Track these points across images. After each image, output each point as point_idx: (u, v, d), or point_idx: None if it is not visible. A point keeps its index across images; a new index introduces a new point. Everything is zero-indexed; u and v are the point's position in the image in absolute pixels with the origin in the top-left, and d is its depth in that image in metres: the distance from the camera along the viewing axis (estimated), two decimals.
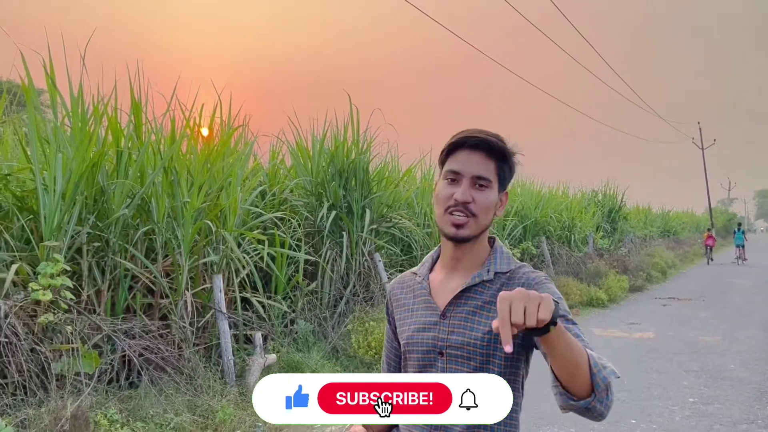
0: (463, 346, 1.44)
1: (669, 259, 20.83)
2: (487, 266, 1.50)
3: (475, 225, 1.46)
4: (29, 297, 4.26)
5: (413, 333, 1.52)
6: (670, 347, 8.34)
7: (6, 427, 3.46)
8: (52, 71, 5.37)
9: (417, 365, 1.51)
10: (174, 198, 5.76)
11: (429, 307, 1.52)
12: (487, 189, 1.46)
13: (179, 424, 4.42)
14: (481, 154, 1.46)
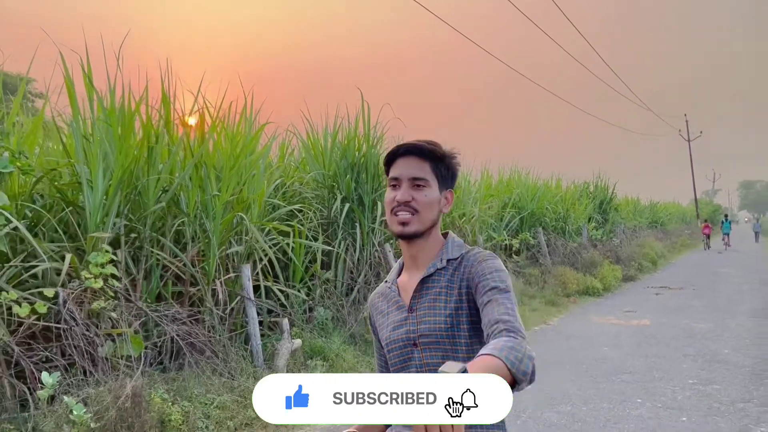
0: (431, 333, 1.56)
1: (658, 249, 21.37)
2: (440, 256, 1.63)
3: (418, 221, 1.59)
4: (83, 285, 4.54)
5: (390, 333, 1.64)
6: (667, 333, 8.76)
7: (76, 404, 3.75)
8: (89, 70, 5.62)
9: (397, 362, 1.63)
10: (204, 191, 6.04)
11: (399, 307, 1.66)
12: (425, 188, 1.60)
13: (221, 403, 4.73)
14: (414, 158, 1.61)
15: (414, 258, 1.66)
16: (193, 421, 4.38)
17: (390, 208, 1.61)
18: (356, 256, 8.08)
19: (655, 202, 36.70)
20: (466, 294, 1.56)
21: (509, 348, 1.32)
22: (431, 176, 1.61)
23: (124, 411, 4.03)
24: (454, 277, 1.59)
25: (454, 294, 1.57)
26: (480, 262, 1.57)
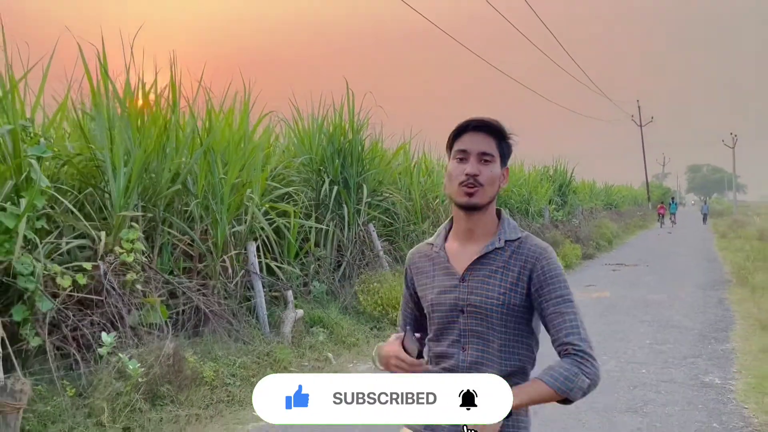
0: (481, 305, 1.67)
1: (614, 229, 22.56)
2: (498, 235, 1.72)
3: (483, 193, 1.67)
4: (118, 259, 5.01)
5: (436, 295, 1.73)
6: (624, 304, 9.65)
7: (130, 360, 4.27)
8: (105, 61, 6.02)
9: (440, 322, 1.73)
10: (213, 175, 6.52)
11: (448, 273, 1.73)
12: (491, 163, 1.68)
13: (243, 363, 5.30)
14: (483, 134, 1.69)
15: (470, 230, 1.73)
16: (222, 378, 4.94)
17: (458, 181, 1.68)
18: (345, 235, 8.66)
19: (610, 185, 38.27)
20: (527, 281, 1.66)
21: (564, 378, 1.54)
22: (496, 152, 1.70)
23: (166, 368, 4.56)
24: (512, 259, 1.68)
25: (510, 275, 1.67)
26: (546, 260, 1.67)
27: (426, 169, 11.80)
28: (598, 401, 4.99)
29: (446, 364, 1.71)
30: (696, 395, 5.18)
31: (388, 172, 10.20)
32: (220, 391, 4.80)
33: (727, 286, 11.51)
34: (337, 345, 6.51)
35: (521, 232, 1.74)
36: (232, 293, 6.54)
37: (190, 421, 4.39)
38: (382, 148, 10.63)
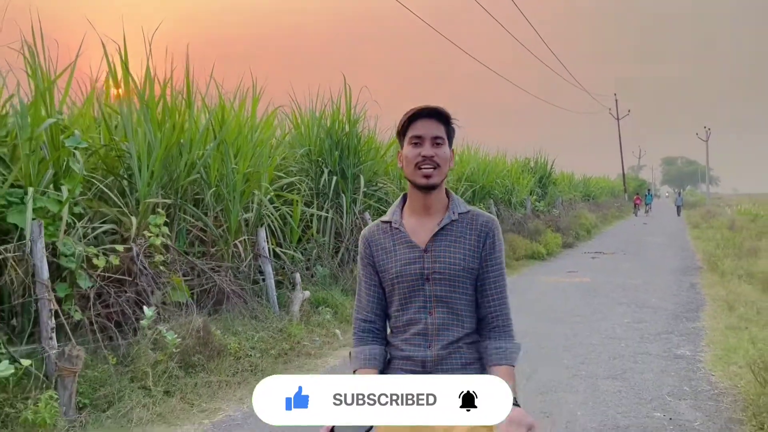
0: (446, 271, 1.86)
1: (592, 220, 23.32)
2: (452, 209, 1.91)
3: (439, 174, 1.85)
4: (147, 242, 5.45)
5: (401, 267, 1.88)
6: (604, 288, 10.29)
7: (168, 332, 4.73)
8: (126, 57, 6.41)
9: (405, 292, 1.89)
10: (225, 165, 6.95)
11: (410, 246, 1.89)
12: (443, 145, 1.87)
13: (261, 338, 5.78)
14: (433, 120, 1.87)
15: (427, 206, 1.90)
16: (244, 350, 5.42)
17: (414, 163, 1.85)
18: (344, 222, 9.15)
19: (588, 177, 39.17)
20: (482, 246, 1.90)
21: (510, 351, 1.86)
22: (445, 136, 1.89)
23: (196, 340, 5.03)
24: (468, 228, 1.90)
25: (468, 243, 1.89)
26: (497, 230, 1.94)
27: None
28: (582, 370, 5.57)
29: (415, 329, 1.87)
30: (669, 365, 5.79)
31: (382, 163, 10.69)
32: (243, 362, 5.29)
33: (699, 272, 12.24)
34: (342, 323, 7.01)
35: (468, 206, 1.96)
36: (243, 275, 7.00)
37: (221, 386, 4.87)
38: (376, 140, 11.13)
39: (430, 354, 1.84)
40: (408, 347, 1.87)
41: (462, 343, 1.87)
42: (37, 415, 3.71)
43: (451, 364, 1.84)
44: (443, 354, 1.84)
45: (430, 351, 1.84)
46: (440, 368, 1.84)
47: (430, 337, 1.85)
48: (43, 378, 4.14)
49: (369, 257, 1.96)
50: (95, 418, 4.13)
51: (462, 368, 1.85)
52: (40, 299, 4.35)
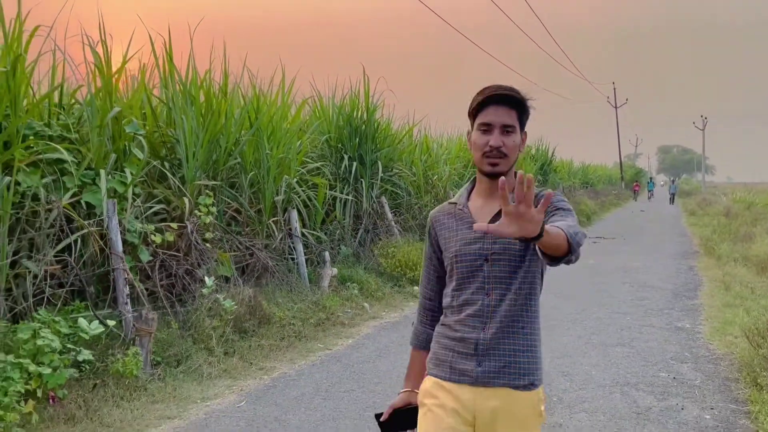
0: (505, 251, 1.83)
1: (591, 206, 23.91)
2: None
3: (506, 163, 1.82)
4: (199, 220, 5.97)
5: (461, 247, 1.87)
6: (607, 269, 10.88)
7: (226, 300, 5.27)
8: (170, 50, 6.88)
9: (464, 272, 1.87)
10: (259, 151, 7.46)
11: (471, 227, 1.85)
12: (513, 134, 1.81)
13: (300, 308, 6.33)
14: (505, 107, 1.80)
15: (493, 190, 1.87)
16: (287, 318, 5.97)
17: (482, 151, 1.82)
18: (363, 206, 9.68)
19: (586, 164, 39.74)
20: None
21: (570, 226, 1.69)
22: (517, 123, 1.83)
23: (246, 308, 5.58)
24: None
25: None
26: (553, 200, 1.84)
27: (427, 148, 12.82)
28: (593, 339, 6.14)
29: (470, 310, 1.84)
30: (671, 335, 6.36)
31: (397, 150, 11.20)
32: (288, 329, 5.84)
33: (696, 256, 12.84)
34: (368, 298, 7.57)
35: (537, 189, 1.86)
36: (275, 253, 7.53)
37: (272, 348, 5.43)
38: (391, 128, 11.64)
39: (484, 336, 1.82)
40: (462, 328, 1.85)
41: (518, 327, 1.83)
42: (125, 368, 4.24)
43: (504, 348, 1.81)
44: (498, 337, 1.81)
45: (485, 333, 1.82)
46: (493, 352, 1.81)
47: (485, 318, 1.83)
48: (122, 338, 4.68)
49: (432, 236, 1.99)
50: (169, 372, 4.68)
51: (515, 354, 1.81)
52: (116, 269, 4.87)
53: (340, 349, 5.72)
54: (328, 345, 5.81)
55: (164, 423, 3.92)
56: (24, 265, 4.49)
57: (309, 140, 9.68)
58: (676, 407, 4.30)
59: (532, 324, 1.86)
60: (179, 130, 6.42)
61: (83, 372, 4.19)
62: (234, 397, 4.41)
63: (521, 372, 1.80)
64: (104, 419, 3.85)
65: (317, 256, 8.28)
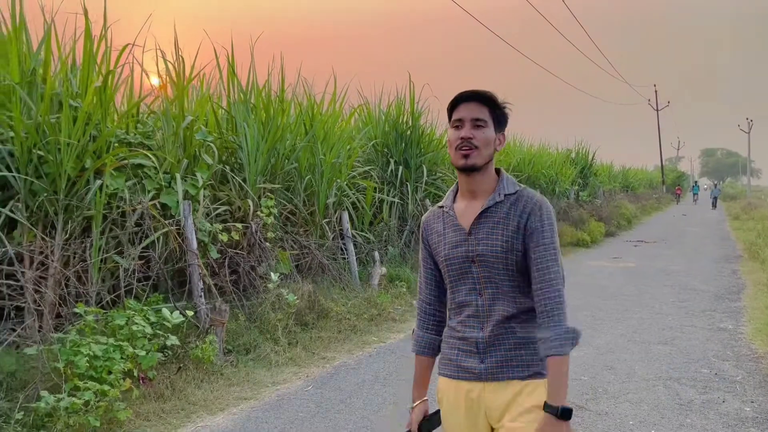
0: (488, 253, 1.83)
1: (632, 210, 23.80)
2: (498, 191, 1.87)
3: (478, 155, 1.82)
4: (261, 220, 6.41)
5: (449, 250, 1.90)
6: (648, 272, 11.00)
7: (289, 294, 5.69)
8: (233, 62, 7.36)
9: (455, 274, 1.90)
10: (314, 156, 7.88)
11: (457, 229, 1.90)
12: (484, 128, 1.83)
13: (354, 304, 6.71)
14: (475, 103, 1.85)
15: (472, 190, 1.89)
16: (343, 313, 6.36)
17: (454, 145, 1.84)
18: (408, 208, 10.04)
19: (627, 168, 39.33)
20: (524, 227, 1.82)
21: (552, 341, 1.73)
22: (489, 118, 1.85)
23: (307, 303, 5.98)
24: (511, 210, 1.84)
25: (511, 225, 1.83)
26: (539, 212, 1.83)
27: None
28: (636, 337, 6.37)
29: (468, 311, 1.88)
30: (713, 335, 6.54)
31: (441, 154, 11.53)
32: (344, 323, 6.23)
33: (739, 260, 12.82)
34: (416, 296, 7.89)
35: (519, 186, 1.90)
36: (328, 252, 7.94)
37: (331, 340, 5.83)
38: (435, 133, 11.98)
39: (482, 335, 1.85)
40: (463, 328, 1.89)
41: (514, 323, 1.84)
42: (204, 353, 4.68)
43: (503, 343, 1.84)
44: (495, 334, 1.84)
45: (483, 332, 1.85)
46: (493, 349, 1.84)
47: (482, 317, 1.86)
48: (198, 327, 5.13)
49: (425, 241, 2.02)
50: (240, 359, 5.11)
51: (515, 348, 1.84)
52: (191, 265, 5.33)
53: (393, 342, 6.08)
54: (382, 338, 6.18)
55: (242, 403, 4.34)
56: (114, 260, 4.97)
57: (358, 145, 10.12)
58: (717, 400, 4.53)
59: (528, 319, 1.85)
60: (241, 137, 6.88)
61: (167, 357, 4.64)
62: (301, 383, 4.81)
63: (523, 364, 1.82)
64: (189, 398, 4.28)
65: (366, 255, 8.66)
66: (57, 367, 3.73)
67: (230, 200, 6.76)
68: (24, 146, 4.71)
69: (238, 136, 6.95)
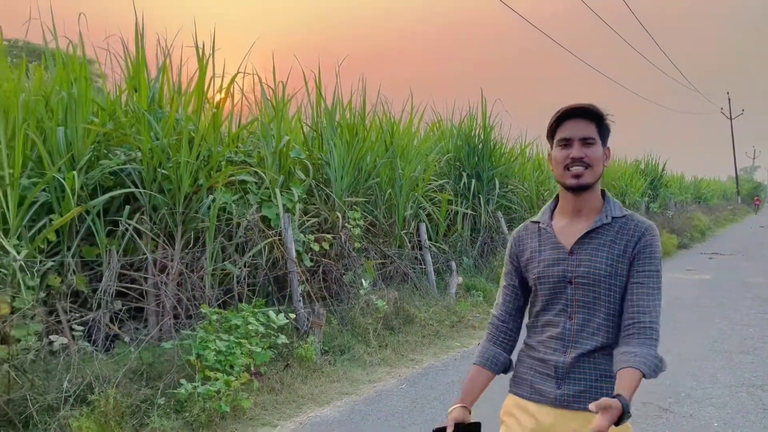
0: (589, 275, 1.75)
1: (705, 222, 23.18)
2: (605, 212, 1.80)
3: (590, 174, 1.76)
4: (350, 232, 6.87)
5: (544, 268, 1.82)
6: (726, 284, 10.86)
7: (378, 300, 6.10)
8: (319, 84, 7.90)
9: (548, 293, 1.82)
10: (393, 171, 8.31)
11: (556, 247, 1.82)
12: (594, 145, 1.77)
13: (435, 311, 7.06)
14: (583, 120, 1.78)
15: (578, 209, 1.83)
16: (426, 319, 6.73)
17: (564, 165, 1.78)
18: (482, 220, 10.33)
19: (699, 178, 38.16)
20: (632, 254, 1.76)
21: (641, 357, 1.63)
22: (597, 135, 1.79)
23: (393, 308, 6.38)
24: (619, 234, 1.78)
25: (617, 248, 1.76)
26: (651, 235, 1.78)
27: (539, 165, 13.29)
28: (716, 347, 6.44)
29: (552, 332, 1.81)
30: None
31: (512, 168, 11.79)
32: (428, 328, 6.59)
33: None
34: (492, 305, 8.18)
35: (626, 210, 1.85)
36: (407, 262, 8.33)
37: (417, 344, 6.20)
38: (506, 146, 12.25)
39: (564, 360, 1.78)
40: (543, 349, 1.83)
41: (600, 354, 1.76)
42: (306, 353, 5.13)
43: (584, 373, 1.76)
44: (578, 362, 1.77)
45: (566, 357, 1.78)
46: (572, 376, 1.77)
47: (567, 342, 1.79)
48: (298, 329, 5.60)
49: (513, 256, 1.96)
50: (336, 359, 5.55)
51: (595, 381, 1.76)
52: (291, 272, 5.82)
53: (475, 347, 6.38)
54: (464, 344, 6.51)
55: (344, 397, 4.76)
56: (227, 267, 5.51)
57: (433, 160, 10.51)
58: None
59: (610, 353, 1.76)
60: (329, 155, 7.38)
61: (275, 354, 5.12)
62: (394, 381, 5.19)
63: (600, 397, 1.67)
64: (297, 392, 4.73)
65: (442, 265, 9.00)
66: (189, 359, 4.24)
67: (318, 213, 7.26)
68: (150, 166, 5.32)
69: (325, 153, 7.46)
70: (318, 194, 7.46)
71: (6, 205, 4.38)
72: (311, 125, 7.87)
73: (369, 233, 8.38)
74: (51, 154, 5.03)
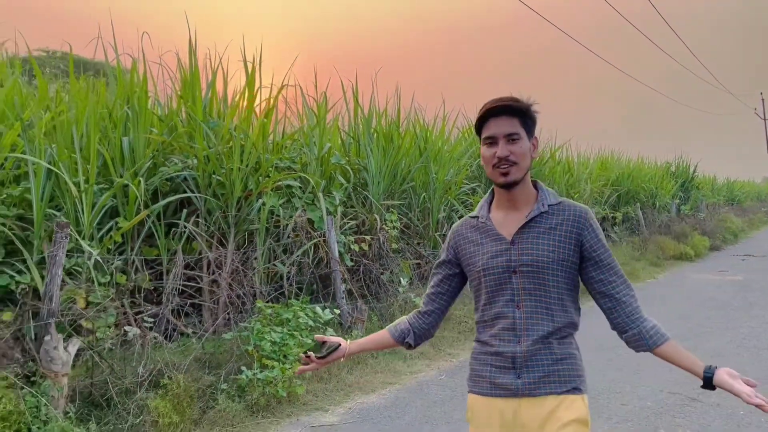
0: (533, 263, 1.82)
1: (738, 224, 22.99)
2: (541, 200, 1.87)
3: (517, 170, 1.81)
4: (387, 233, 7.22)
5: (487, 260, 1.87)
6: (758, 285, 10.92)
7: (416, 297, 6.42)
8: (356, 92, 8.27)
9: (493, 285, 1.86)
10: (427, 175, 8.64)
11: (497, 239, 1.87)
12: (518, 141, 1.81)
13: (469, 309, 7.35)
14: (505, 117, 1.82)
15: (512, 201, 1.88)
16: (460, 317, 7.04)
17: (491, 164, 1.83)
18: None
19: (731, 180, 37.68)
20: (575, 237, 1.84)
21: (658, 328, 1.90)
22: (521, 130, 1.82)
23: None
24: (559, 220, 1.85)
25: (557, 235, 1.83)
26: (592, 221, 1.87)
27: (569, 168, 13.50)
28: (745, 344, 6.62)
29: (504, 323, 1.84)
30: None
31: (541, 171, 12.02)
32: (462, 325, 6.90)
33: None
34: None
35: (560, 197, 1.90)
36: None
37: (452, 340, 6.52)
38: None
39: (519, 349, 1.81)
40: (497, 342, 1.85)
41: (553, 338, 1.82)
42: None
43: (541, 359, 1.81)
44: (533, 349, 1.81)
45: (520, 346, 1.81)
46: (530, 364, 1.81)
47: (519, 331, 1.82)
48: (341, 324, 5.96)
49: (451, 250, 2.00)
50: (378, 353, 5.88)
51: (553, 364, 1.81)
52: (335, 271, 6.19)
53: None
54: None
55: (388, 386, 5.10)
56: (276, 266, 5.90)
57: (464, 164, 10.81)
58: None
59: (566, 335, 1.86)
60: (367, 160, 7.75)
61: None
62: (434, 373, 5.52)
63: (562, 380, 1.81)
64: (344, 381, 5.09)
65: None
66: (247, 349, 4.63)
67: (357, 215, 7.62)
68: (205, 172, 5.74)
69: (362, 158, 7.83)
70: (356, 198, 7.83)
71: (81, 209, 4.82)
72: (348, 132, 8.24)
73: (404, 234, 8.73)
74: (113, 162, 5.48)
